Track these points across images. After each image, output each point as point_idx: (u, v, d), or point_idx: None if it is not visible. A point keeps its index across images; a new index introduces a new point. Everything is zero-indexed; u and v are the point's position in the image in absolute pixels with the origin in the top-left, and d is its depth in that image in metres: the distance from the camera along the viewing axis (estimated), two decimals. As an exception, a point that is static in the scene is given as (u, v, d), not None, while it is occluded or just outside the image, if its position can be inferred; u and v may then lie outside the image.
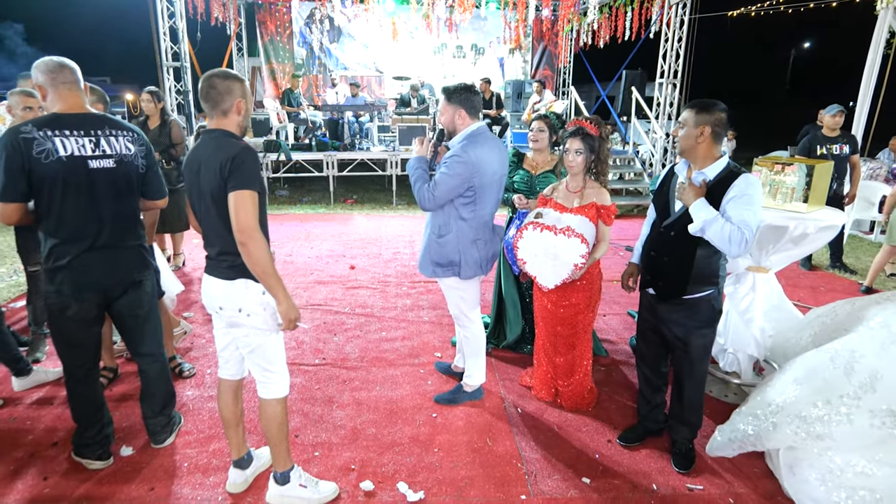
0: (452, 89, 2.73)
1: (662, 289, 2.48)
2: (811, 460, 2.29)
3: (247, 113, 2.07)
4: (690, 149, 2.33)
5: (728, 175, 2.26)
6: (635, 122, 10.69)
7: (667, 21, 9.51)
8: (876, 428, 2.12)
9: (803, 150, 5.60)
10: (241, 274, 2.04)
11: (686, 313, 2.44)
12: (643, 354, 2.76)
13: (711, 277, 2.39)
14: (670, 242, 2.42)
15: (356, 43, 12.92)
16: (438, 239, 2.81)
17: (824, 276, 5.72)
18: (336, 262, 5.79)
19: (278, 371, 2.21)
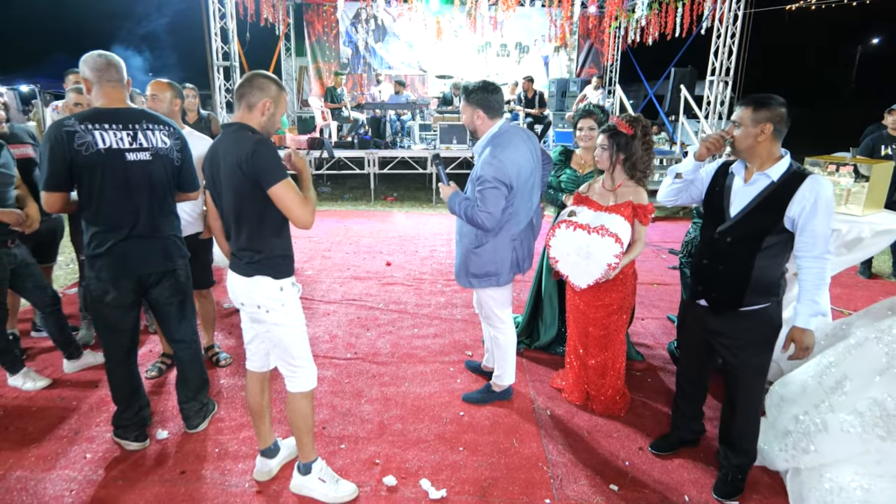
0: (471, 88, 2.66)
1: (717, 300, 2.27)
2: (813, 483, 2.25)
3: (272, 117, 2.07)
4: (750, 149, 2.11)
5: (792, 177, 2.05)
6: (684, 122, 10.33)
7: (720, 16, 9.14)
8: (846, 431, 2.18)
9: (866, 149, 5.28)
10: (258, 270, 2.07)
11: (742, 327, 2.23)
12: (685, 368, 2.61)
13: (771, 287, 2.17)
14: (726, 250, 2.19)
15: (400, 42, 13.04)
16: (475, 249, 2.74)
17: (885, 285, 5.36)
18: (373, 258, 5.85)
19: (302, 365, 2.22)
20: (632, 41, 12.25)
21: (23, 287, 3.14)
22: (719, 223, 2.21)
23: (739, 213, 2.15)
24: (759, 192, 2.11)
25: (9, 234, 2.93)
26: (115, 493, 2.34)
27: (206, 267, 3.33)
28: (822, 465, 2.29)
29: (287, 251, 2.15)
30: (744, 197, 2.15)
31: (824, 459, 2.27)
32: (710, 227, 2.27)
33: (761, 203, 2.09)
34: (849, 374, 2.34)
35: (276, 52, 12.67)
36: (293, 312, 2.15)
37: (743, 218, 2.13)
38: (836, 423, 2.24)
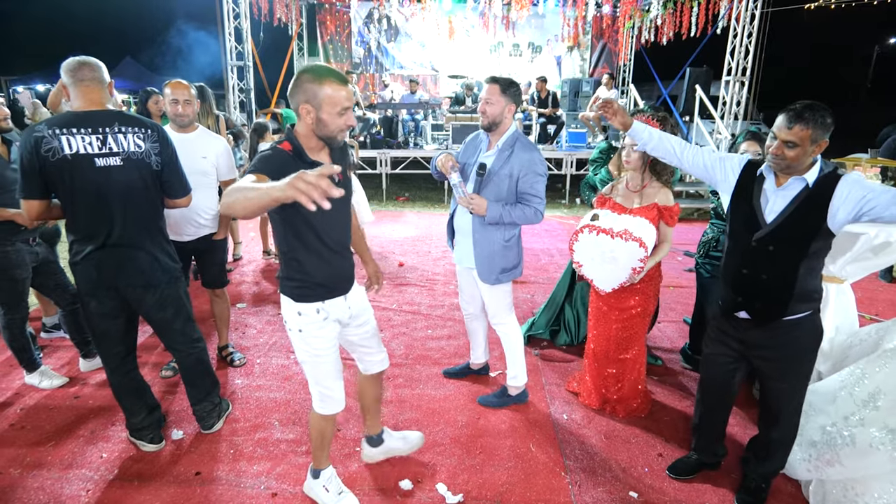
0: (508, 82, 2.63)
1: (761, 311, 2.12)
2: (837, 497, 2.21)
3: (320, 122, 1.80)
4: (800, 165, 1.95)
5: (826, 179, 1.95)
6: (698, 122, 10.22)
7: (736, 16, 9.02)
8: (875, 448, 2.09)
9: (888, 150, 5.18)
10: (282, 289, 2.04)
11: (786, 337, 2.12)
12: (711, 387, 2.43)
13: (814, 293, 2.08)
14: (769, 257, 2.05)
15: (413, 42, 13.03)
16: (507, 243, 2.77)
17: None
18: (385, 258, 5.83)
19: (318, 390, 2.13)
20: (646, 41, 12.15)
21: (44, 285, 3.16)
22: (755, 229, 2.07)
23: (778, 218, 2.02)
24: (795, 195, 1.99)
25: (30, 232, 2.94)
26: (130, 493, 2.33)
27: (220, 267, 3.32)
28: (848, 479, 2.23)
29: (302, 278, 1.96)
30: (779, 202, 2.02)
31: (850, 474, 2.21)
32: (744, 233, 2.11)
33: (800, 207, 1.97)
34: (883, 387, 2.21)
35: (288, 51, 12.71)
36: (311, 340, 2.02)
37: (783, 223, 2.00)
38: (866, 439, 2.15)
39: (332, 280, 2.02)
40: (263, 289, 4.83)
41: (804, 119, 1.86)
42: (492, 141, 2.74)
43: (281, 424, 2.82)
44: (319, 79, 1.76)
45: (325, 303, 2.01)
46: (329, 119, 1.80)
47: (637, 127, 2.26)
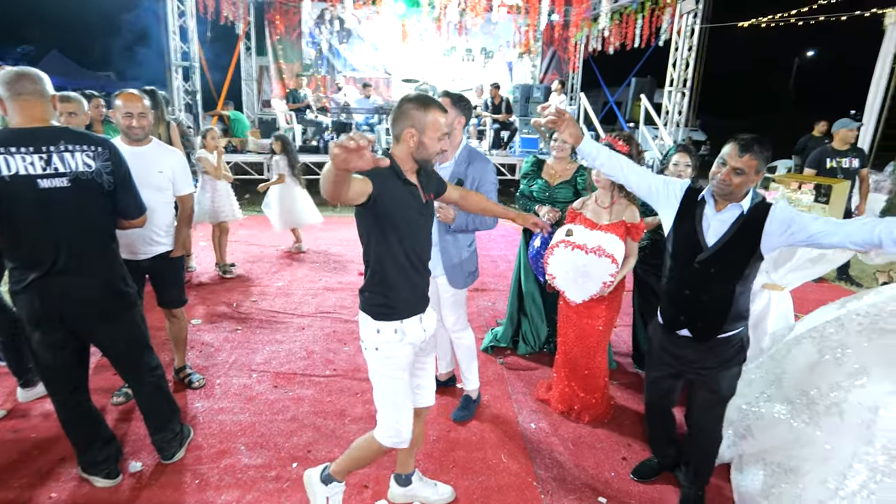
0: (458, 96, 2.77)
1: (701, 330, 2.24)
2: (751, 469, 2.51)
3: (421, 146, 1.90)
4: (741, 192, 2.08)
5: (758, 208, 2.09)
6: (643, 129, 10.67)
7: (677, 30, 9.48)
8: (777, 418, 2.44)
9: (813, 162, 5.55)
10: (362, 305, 2.05)
11: (717, 352, 2.25)
12: (655, 398, 2.55)
13: (745, 312, 2.24)
14: (709, 279, 2.16)
15: (365, 44, 12.92)
16: (469, 248, 2.92)
17: (832, 288, 5.68)
18: (344, 267, 5.76)
19: (383, 417, 2.10)
20: (593, 49, 12.55)
21: None
22: (696, 252, 2.17)
23: (718, 242, 2.13)
24: (732, 221, 2.11)
25: None
26: (89, 531, 2.21)
27: (178, 285, 3.18)
28: (761, 451, 2.50)
29: (385, 293, 1.98)
30: (719, 227, 2.14)
31: (760, 445, 2.51)
32: (688, 256, 2.20)
33: (737, 233, 2.10)
34: (787, 368, 2.56)
35: (236, 51, 12.32)
36: (386, 360, 2.02)
37: (723, 247, 2.12)
38: (771, 412, 2.50)
39: (412, 295, 2.04)
40: (219, 303, 4.67)
41: (754, 150, 1.99)
42: (446, 154, 2.82)
43: (248, 449, 2.74)
44: (425, 106, 1.89)
45: (403, 322, 2.01)
46: (430, 143, 1.92)
47: (586, 144, 2.29)
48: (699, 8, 9.07)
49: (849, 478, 2.14)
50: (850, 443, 2.21)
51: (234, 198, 5.48)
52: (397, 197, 1.90)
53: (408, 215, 1.95)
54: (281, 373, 3.50)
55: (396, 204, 1.89)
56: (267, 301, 4.73)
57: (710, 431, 2.39)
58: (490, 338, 3.97)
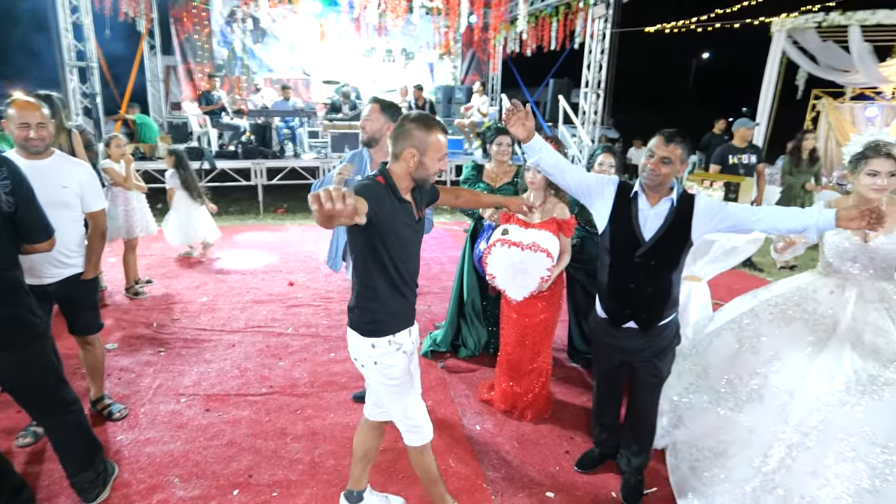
0: (388, 103, 2.77)
1: (646, 320, 2.35)
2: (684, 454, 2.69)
3: (421, 166, 1.92)
4: (669, 182, 2.23)
5: (684, 198, 2.25)
6: (562, 129, 11.10)
7: (590, 34, 9.93)
8: (705, 407, 2.64)
9: (717, 158, 6.02)
10: (351, 324, 2.05)
11: (657, 339, 2.38)
12: (605, 389, 2.68)
13: (677, 298, 2.40)
14: (650, 271, 2.28)
15: (281, 44, 12.47)
16: None
17: (738, 274, 6.17)
18: (273, 278, 5.53)
19: (401, 421, 2.13)
20: (511, 51, 12.87)
21: None
22: (636, 247, 2.27)
23: (655, 236, 2.25)
24: (666, 214, 2.25)
25: None
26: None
27: (92, 310, 2.91)
28: (692, 438, 2.68)
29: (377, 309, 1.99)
30: (654, 220, 2.26)
31: (690, 433, 2.69)
32: (626, 250, 2.30)
33: (672, 225, 2.24)
34: (711, 360, 2.76)
35: (138, 50, 11.48)
36: (386, 371, 2.02)
37: (660, 240, 2.24)
38: (700, 402, 2.68)
39: (403, 310, 2.06)
40: (136, 324, 4.33)
41: (677, 140, 2.17)
42: (375, 159, 2.82)
43: (182, 481, 2.56)
44: (428, 127, 1.91)
45: (395, 336, 2.03)
46: (430, 163, 1.94)
47: (536, 141, 2.32)
48: (609, 13, 9.56)
49: (769, 456, 2.33)
50: (769, 425, 2.41)
51: (149, 210, 5.11)
52: (392, 215, 1.90)
53: (401, 233, 1.95)
54: (213, 395, 3.31)
55: (391, 222, 1.89)
56: (191, 318, 4.45)
57: (651, 411, 2.54)
58: (429, 342, 3.97)
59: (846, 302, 2.47)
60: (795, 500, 2.20)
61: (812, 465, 2.22)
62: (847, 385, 2.26)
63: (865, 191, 2.36)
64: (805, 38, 8.81)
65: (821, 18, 8.42)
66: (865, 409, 2.19)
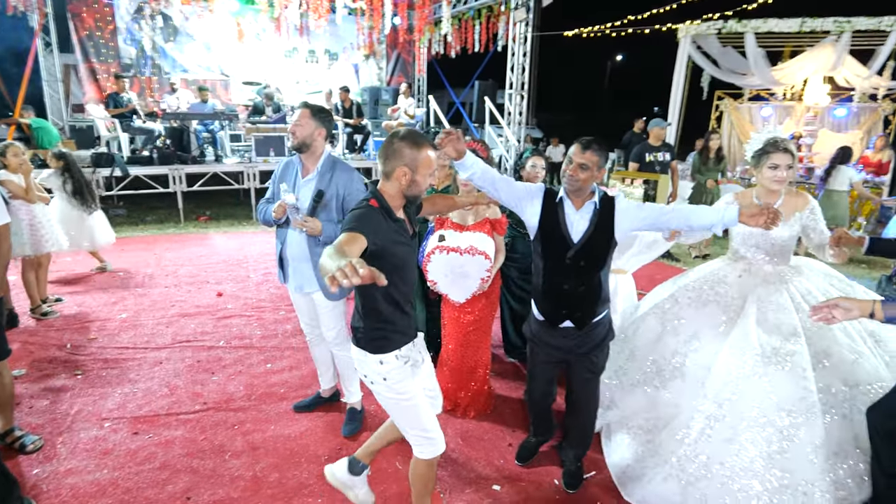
0: (318, 108, 2.75)
1: (581, 318, 2.44)
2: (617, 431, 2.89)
3: (413, 184, 1.96)
4: (589, 186, 2.34)
5: (605, 200, 2.37)
6: (489, 129, 11.34)
7: (512, 37, 10.21)
8: (634, 386, 2.85)
9: (635, 156, 6.40)
10: (358, 343, 2.06)
11: (594, 336, 2.47)
12: (538, 386, 2.73)
13: (608, 294, 2.49)
14: (581, 272, 2.38)
15: (196, 43, 11.85)
16: None
17: (658, 265, 6.55)
18: (199, 289, 5.27)
19: (415, 434, 2.12)
20: (436, 53, 12.97)
21: None
22: (566, 249, 2.36)
23: (583, 237, 2.35)
24: (590, 216, 2.37)
25: None
26: None
27: (-2, 333, 2.67)
28: (623, 418, 2.87)
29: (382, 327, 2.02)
30: (580, 224, 2.36)
31: (622, 413, 2.88)
32: (557, 253, 2.39)
33: (597, 226, 2.36)
34: (637, 343, 2.97)
35: (32, 47, 10.51)
36: (396, 385, 2.03)
37: (588, 241, 2.34)
38: (629, 383, 2.87)
39: (406, 325, 2.09)
40: (47, 346, 3.98)
41: (593, 148, 2.29)
42: (307, 166, 2.79)
43: (112, 510, 2.41)
44: (418, 145, 1.94)
45: (402, 350, 2.07)
46: (422, 180, 1.98)
47: (467, 158, 2.38)
48: (530, 17, 9.88)
49: (691, 428, 2.55)
50: (690, 399, 2.63)
51: (56, 223, 4.71)
52: (388, 238, 1.93)
53: (398, 251, 1.97)
54: (140, 416, 3.12)
55: (388, 245, 1.92)
56: (109, 337, 4.15)
57: (590, 404, 2.65)
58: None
59: (752, 285, 2.74)
60: (715, 466, 2.41)
61: (728, 433, 2.44)
62: (755, 358, 2.51)
63: (768, 183, 2.63)
64: (707, 43, 9.56)
65: (720, 26, 9.17)
66: (771, 378, 2.44)
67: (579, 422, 2.69)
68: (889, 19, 8.30)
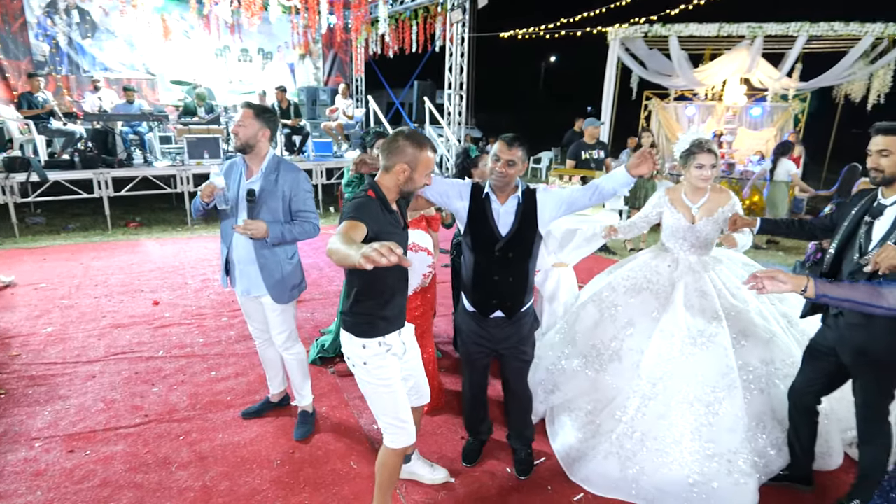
0: (262, 108, 2.72)
1: (510, 308, 2.51)
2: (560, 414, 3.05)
3: (410, 180, 2.09)
4: (513, 181, 2.42)
5: (527, 193, 2.47)
6: (429, 129, 11.41)
7: (449, 38, 10.32)
8: (575, 371, 3.00)
9: (572, 154, 6.66)
10: (345, 325, 2.16)
11: (522, 324, 2.56)
12: (475, 380, 2.78)
13: (533, 284, 2.59)
14: (509, 263, 2.45)
15: (118, 40, 11.20)
16: (291, 260, 2.84)
17: (595, 258, 6.81)
18: (132, 298, 5.01)
19: (388, 422, 2.18)
20: (374, 53, 12.89)
21: None
22: (494, 241, 2.43)
23: (511, 230, 2.42)
24: (515, 209, 2.45)
25: None
26: None
27: None
28: (566, 401, 3.04)
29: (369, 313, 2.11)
30: (506, 216, 2.44)
31: (565, 396, 3.04)
32: (488, 246, 2.45)
33: (522, 218, 2.44)
34: (578, 330, 3.13)
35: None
36: (376, 371, 2.12)
37: (516, 234, 2.42)
38: (571, 367, 3.02)
39: (393, 314, 2.17)
40: (-39, 365, 3.69)
41: (517, 144, 2.39)
42: (251, 167, 2.75)
43: (49, 533, 2.28)
44: (420, 145, 2.08)
45: (386, 337, 2.14)
46: (419, 179, 2.12)
47: None
48: (465, 18, 10.02)
49: (628, 407, 2.73)
50: (627, 380, 2.81)
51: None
52: (384, 228, 2.05)
53: (391, 241, 1.95)
54: (75, 434, 2.95)
55: (383, 234, 2.02)
56: (34, 353, 3.89)
57: (526, 391, 2.75)
58: (316, 349, 3.90)
59: (680, 274, 2.95)
60: (649, 441, 2.60)
61: (661, 410, 2.64)
62: (683, 340, 2.72)
63: (695, 180, 2.84)
64: (635, 46, 10.05)
65: (647, 29, 9.68)
66: (697, 358, 2.66)
67: (520, 407, 2.78)
68: (796, 25, 9.03)
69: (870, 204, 2.26)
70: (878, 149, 2.14)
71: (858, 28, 8.81)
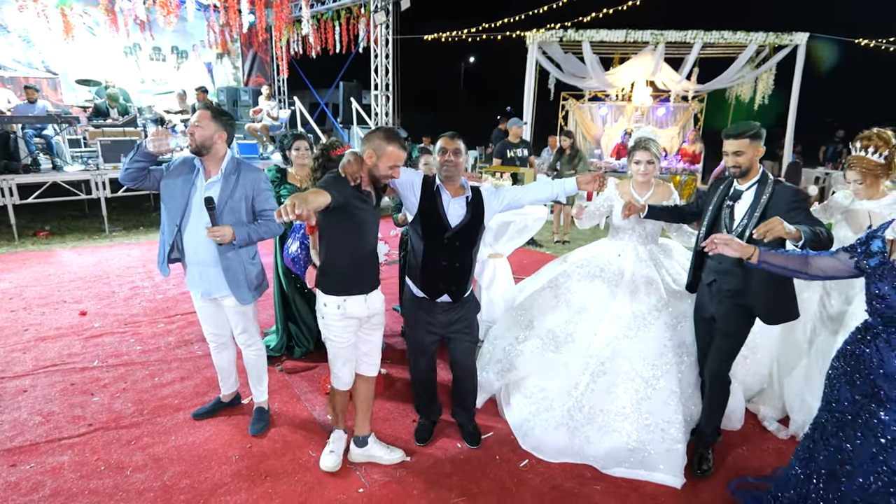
0: (219, 110, 2.76)
1: (456, 292, 2.73)
2: (514, 390, 3.30)
3: (374, 167, 2.45)
4: (460, 172, 2.71)
5: (474, 190, 2.75)
6: (356, 129, 11.45)
7: (374, 39, 10.42)
8: (532, 352, 3.23)
9: (498, 153, 7.01)
10: (317, 281, 2.58)
11: (465, 308, 2.81)
12: (425, 364, 2.96)
13: (473, 272, 2.83)
14: (456, 251, 2.68)
15: (12, 36, 10.33)
16: (252, 261, 2.88)
17: (524, 251, 7.24)
18: (55, 310, 4.76)
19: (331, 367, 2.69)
20: (296, 53, 12.70)
21: None
22: (444, 231, 2.66)
23: (461, 222, 2.67)
24: (464, 202, 2.71)
25: None
26: None
27: None
28: (521, 379, 3.28)
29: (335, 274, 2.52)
30: (456, 209, 2.68)
31: (521, 374, 3.28)
32: (438, 234, 2.66)
33: (473, 213, 2.71)
34: (535, 314, 3.38)
35: None
36: (330, 326, 2.55)
37: (465, 225, 2.68)
38: (528, 349, 3.26)
39: (357, 279, 2.54)
40: None
41: (458, 137, 2.72)
42: (209, 169, 2.75)
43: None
44: (389, 139, 2.42)
45: (347, 300, 2.51)
46: (382, 168, 2.45)
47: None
48: (389, 20, 10.17)
49: (579, 383, 3.02)
50: (580, 360, 3.09)
51: None
52: (350, 201, 2.40)
53: (358, 214, 2.46)
54: (14, 448, 2.84)
55: (349, 205, 2.39)
56: (-50, 372, 3.64)
57: (473, 368, 2.98)
58: (263, 349, 3.93)
59: (628, 262, 3.26)
60: (597, 414, 2.91)
61: (607, 386, 2.96)
62: (629, 323, 3.05)
63: (636, 175, 3.19)
64: (552, 50, 10.64)
65: (562, 35, 10.27)
66: (640, 339, 3.00)
67: (468, 386, 3.01)
68: (692, 32, 9.96)
69: (727, 189, 2.71)
70: (732, 150, 2.56)
71: (745, 37, 9.88)
